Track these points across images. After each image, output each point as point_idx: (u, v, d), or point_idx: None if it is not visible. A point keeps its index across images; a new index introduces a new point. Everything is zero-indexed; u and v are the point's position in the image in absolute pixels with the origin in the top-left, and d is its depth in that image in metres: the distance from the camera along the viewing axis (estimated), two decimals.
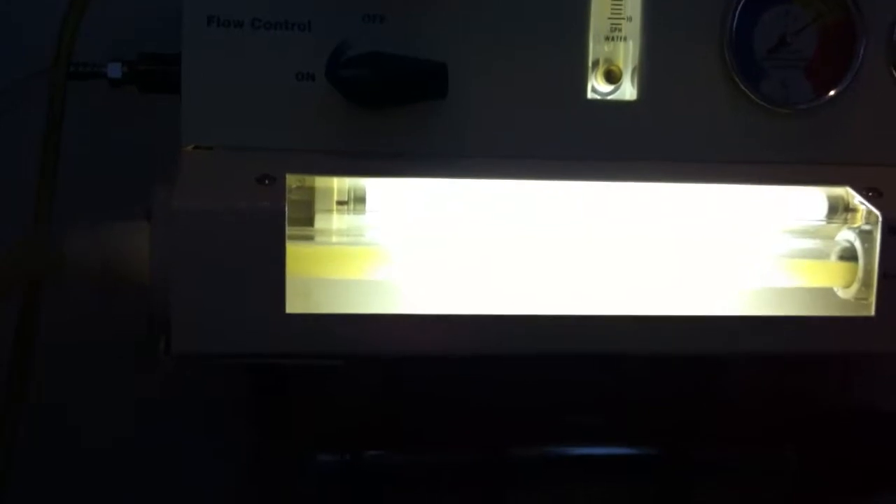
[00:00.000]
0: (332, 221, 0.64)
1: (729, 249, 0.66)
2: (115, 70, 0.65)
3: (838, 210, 0.67)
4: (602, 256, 0.65)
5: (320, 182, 0.63)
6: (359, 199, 0.64)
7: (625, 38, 0.66)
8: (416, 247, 0.64)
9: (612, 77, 0.66)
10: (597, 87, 0.66)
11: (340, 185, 0.64)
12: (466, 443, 0.75)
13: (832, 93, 0.66)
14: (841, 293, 0.65)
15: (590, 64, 0.65)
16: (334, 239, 0.64)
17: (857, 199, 0.65)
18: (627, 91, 0.66)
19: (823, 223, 0.67)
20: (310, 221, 0.63)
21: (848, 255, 0.65)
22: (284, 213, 0.58)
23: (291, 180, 0.61)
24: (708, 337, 0.63)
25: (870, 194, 0.64)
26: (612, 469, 0.78)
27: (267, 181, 0.60)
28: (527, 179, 0.65)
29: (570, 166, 0.65)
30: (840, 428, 0.79)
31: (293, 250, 0.60)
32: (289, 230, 0.59)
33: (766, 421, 0.78)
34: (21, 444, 0.71)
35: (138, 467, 0.85)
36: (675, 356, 0.64)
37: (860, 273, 0.64)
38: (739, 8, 0.65)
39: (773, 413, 0.78)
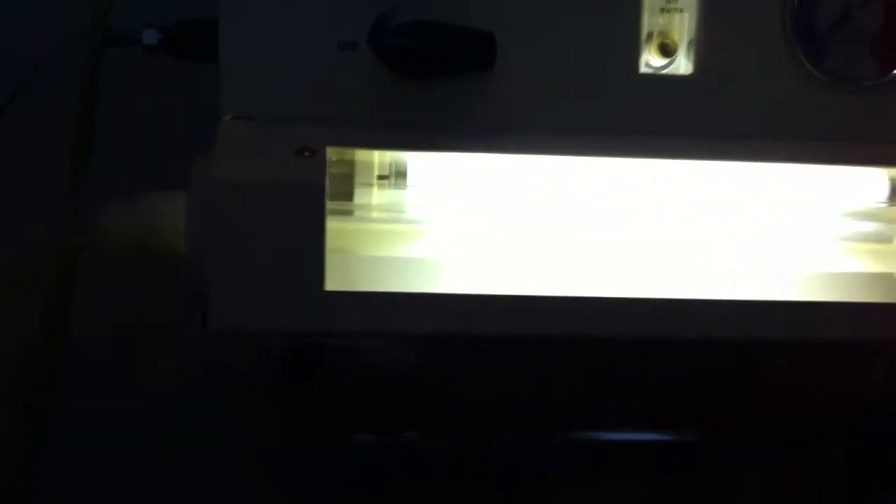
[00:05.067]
0: (373, 196, 0.62)
1: (786, 231, 0.64)
2: (150, 36, 0.63)
3: None
4: (654, 237, 0.63)
5: (360, 155, 0.62)
6: (400, 174, 0.62)
7: (681, 10, 0.64)
8: (458, 224, 0.62)
9: (667, 50, 0.64)
10: (650, 60, 0.64)
11: (381, 158, 0.62)
12: (502, 427, 0.74)
13: None
14: None
15: (643, 37, 0.63)
16: (374, 214, 0.62)
17: None
18: (682, 65, 0.64)
19: (885, 205, 0.64)
20: (349, 196, 0.62)
21: None
22: (324, 186, 0.57)
23: (331, 153, 0.59)
24: (764, 322, 0.61)
25: None
26: (647, 455, 0.77)
27: (307, 153, 0.58)
28: (575, 155, 0.63)
29: (620, 142, 0.63)
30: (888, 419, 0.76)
31: (332, 226, 0.58)
32: (328, 205, 0.58)
33: (812, 409, 0.76)
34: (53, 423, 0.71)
35: (170, 448, 0.84)
36: (728, 341, 0.62)
37: None
38: None
39: (820, 402, 0.75)
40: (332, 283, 0.58)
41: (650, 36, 0.64)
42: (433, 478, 0.74)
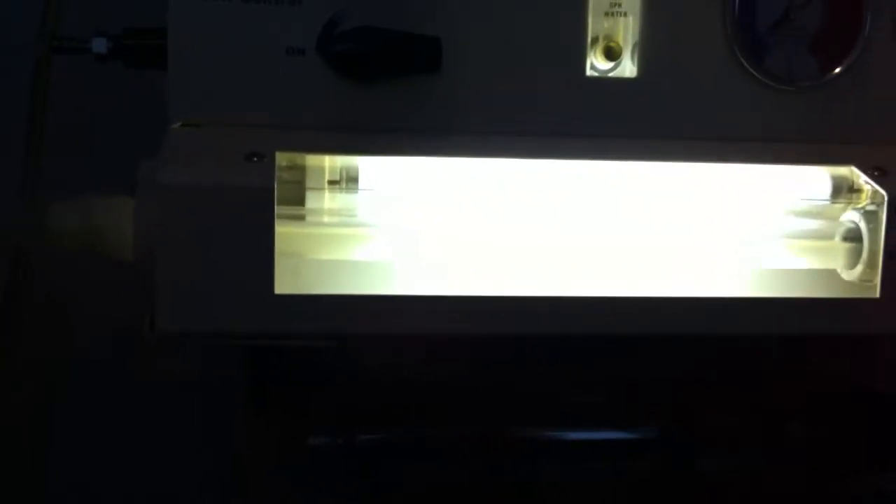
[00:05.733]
0: (324, 200, 0.62)
1: (731, 230, 0.64)
2: (100, 45, 0.63)
3: (843, 190, 0.65)
4: (601, 237, 0.63)
5: (311, 161, 0.62)
6: (351, 179, 0.63)
7: (625, 14, 0.64)
8: (409, 226, 0.62)
9: (612, 54, 0.64)
10: (596, 64, 0.65)
11: (332, 163, 0.62)
12: (465, 424, 0.74)
13: (838, 69, 0.65)
14: (845, 275, 0.64)
15: (589, 40, 0.64)
16: (326, 219, 0.63)
17: (862, 178, 0.63)
18: (627, 68, 0.65)
19: (827, 203, 0.65)
20: (300, 201, 0.62)
21: (852, 236, 0.63)
22: (273, 190, 0.57)
23: (282, 159, 0.60)
24: (710, 318, 0.61)
25: (875, 173, 0.63)
26: (611, 449, 0.77)
27: (256, 158, 0.58)
28: (523, 158, 0.63)
29: (568, 144, 0.63)
30: (843, 408, 0.77)
31: (283, 230, 0.58)
32: (279, 209, 0.58)
33: (770, 400, 0.76)
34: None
35: (129, 450, 0.83)
36: (676, 337, 0.63)
37: (865, 254, 0.62)
38: None
39: (778, 392, 0.76)
40: (284, 286, 0.58)
41: (595, 40, 0.64)
42: (393, 478, 0.74)
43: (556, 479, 0.76)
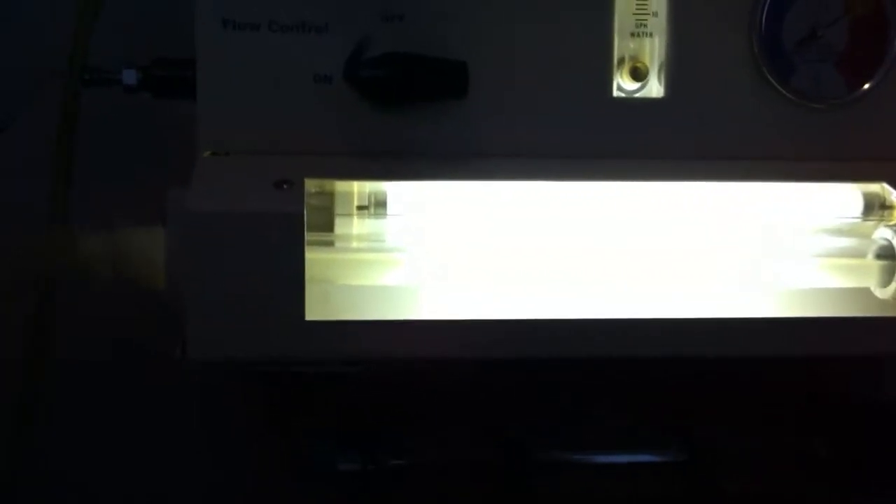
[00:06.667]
0: (353, 226, 0.63)
1: (762, 249, 0.64)
2: (130, 77, 0.63)
3: (874, 207, 0.65)
4: (631, 258, 0.63)
5: (340, 186, 0.62)
6: (379, 204, 0.63)
7: (651, 35, 0.64)
8: (438, 251, 0.63)
9: (639, 74, 0.64)
10: (622, 84, 0.65)
11: (360, 189, 0.63)
12: (483, 443, 0.74)
13: (866, 85, 0.65)
14: (878, 293, 0.63)
15: (615, 61, 0.64)
16: (354, 244, 0.63)
17: (893, 195, 0.63)
18: (654, 88, 0.65)
19: (859, 221, 0.65)
20: (329, 227, 0.62)
21: (885, 254, 0.63)
22: (303, 217, 0.57)
23: (310, 185, 0.60)
24: (741, 340, 0.61)
25: None
26: (633, 467, 0.77)
27: (285, 185, 0.59)
28: (551, 180, 0.63)
29: (596, 166, 0.63)
30: (870, 423, 0.77)
31: (313, 256, 0.59)
32: (308, 236, 0.58)
33: (795, 415, 0.76)
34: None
35: (143, 467, 0.83)
36: (708, 360, 0.62)
37: None
38: (768, 1, 0.63)
39: (803, 407, 0.76)
40: (313, 313, 0.58)
41: (622, 60, 0.64)
42: (409, 497, 0.74)
43: (570, 498, 0.76)
